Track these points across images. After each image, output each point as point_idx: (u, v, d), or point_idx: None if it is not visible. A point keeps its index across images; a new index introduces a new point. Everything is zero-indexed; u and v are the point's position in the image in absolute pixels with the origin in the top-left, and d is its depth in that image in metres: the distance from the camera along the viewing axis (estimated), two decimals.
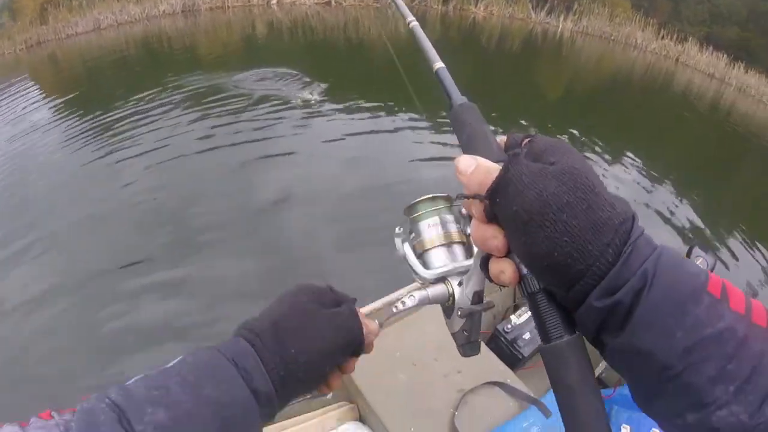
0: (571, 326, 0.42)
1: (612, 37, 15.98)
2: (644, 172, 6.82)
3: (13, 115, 7.47)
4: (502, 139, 0.53)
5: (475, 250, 0.54)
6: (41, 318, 3.56)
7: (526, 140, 0.48)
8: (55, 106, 7.68)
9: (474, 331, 0.59)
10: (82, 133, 6.48)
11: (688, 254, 2.37)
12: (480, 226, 0.44)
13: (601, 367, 2.33)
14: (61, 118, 7.08)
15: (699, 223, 5.78)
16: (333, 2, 16.21)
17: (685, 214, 5.93)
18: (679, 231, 5.50)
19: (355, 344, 0.62)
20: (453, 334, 0.60)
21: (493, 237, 0.43)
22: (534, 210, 0.38)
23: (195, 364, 0.50)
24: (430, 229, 0.60)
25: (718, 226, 5.86)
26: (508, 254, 0.44)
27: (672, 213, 5.87)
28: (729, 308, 0.36)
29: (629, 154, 7.27)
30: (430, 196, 0.60)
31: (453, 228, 0.60)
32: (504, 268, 0.44)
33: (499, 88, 9.90)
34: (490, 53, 13.12)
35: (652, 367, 0.37)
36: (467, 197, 0.45)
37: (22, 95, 8.31)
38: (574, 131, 7.66)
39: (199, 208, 4.71)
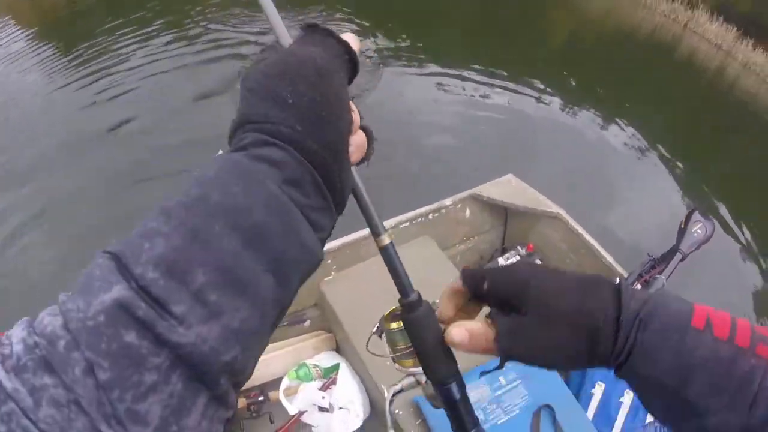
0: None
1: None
2: (641, 132, 6.67)
3: None
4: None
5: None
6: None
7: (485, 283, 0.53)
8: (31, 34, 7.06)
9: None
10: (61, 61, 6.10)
11: (687, 219, 2.36)
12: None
13: None
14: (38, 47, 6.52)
15: (696, 186, 5.85)
16: None
17: (683, 178, 5.92)
18: (677, 194, 5.57)
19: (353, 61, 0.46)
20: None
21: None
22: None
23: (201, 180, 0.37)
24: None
25: (716, 192, 5.86)
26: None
27: (669, 176, 5.88)
28: (712, 336, 0.43)
29: (627, 112, 7.07)
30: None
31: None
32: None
33: (502, 29, 9.52)
34: None
35: (653, 386, 0.46)
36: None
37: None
38: (572, 81, 7.60)
39: None
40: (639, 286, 2.21)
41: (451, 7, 9.77)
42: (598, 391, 2.01)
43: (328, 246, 2.13)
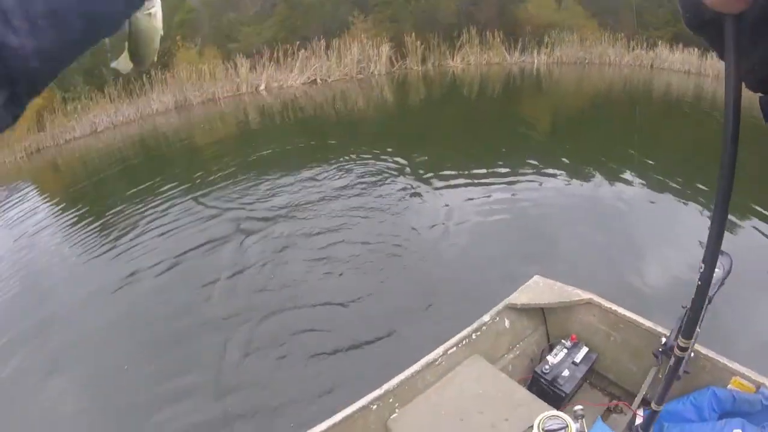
0: None
1: (586, 60, 16.69)
2: (643, 183, 6.91)
3: (18, 222, 7.83)
4: None
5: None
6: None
7: None
8: (59, 211, 8.08)
9: None
10: (91, 237, 6.76)
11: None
12: None
13: (645, 386, 2.38)
14: (66, 224, 7.41)
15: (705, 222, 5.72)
16: (318, 80, 17.33)
17: (702, 212, 5.84)
18: (698, 229, 5.32)
19: None
20: None
21: None
22: None
23: None
24: None
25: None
26: None
27: (683, 216, 5.83)
28: None
29: (626, 165, 7.43)
30: None
31: None
32: None
33: (484, 133, 10.33)
34: (473, 102, 13.82)
35: None
36: None
37: (27, 203, 8.72)
38: (564, 159, 7.94)
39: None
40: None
41: (434, 130, 10.81)
42: None
43: (388, 385, 2.30)
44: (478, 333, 2.68)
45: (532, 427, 1.77)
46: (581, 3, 19.00)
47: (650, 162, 7.55)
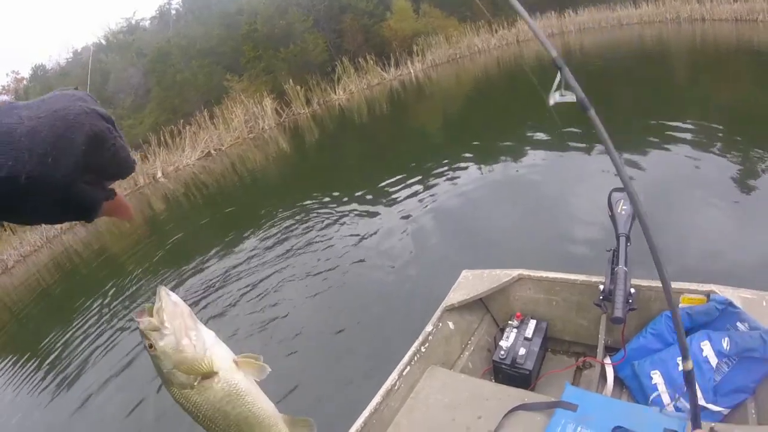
0: None
1: (457, 56, 17.40)
2: (544, 141, 7.16)
3: None
4: None
5: None
6: None
7: None
8: None
9: None
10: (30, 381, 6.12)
11: (609, 203, 2.40)
12: None
13: (601, 335, 2.39)
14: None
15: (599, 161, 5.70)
16: (212, 151, 16.85)
17: (597, 159, 5.91)
18: (599, 176, 5.36)
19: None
20: None
21: None
22: None
23: None
24: None
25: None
26: None
27: (585, 161, 6.03)
28: None
29: (523, 134, 7.76)
30: None
31: None
32: None
33: (386, 151, 10.46)
34: (366, 126, 13.91)
35: None
36: None
37: None
38: (467, 153, 8.02)
39: None
40: (611, 284, 2.21)
41: (338, 162, 10.80)
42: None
43: (356, 425, 2.21)
44: (426, 344, 2.63)
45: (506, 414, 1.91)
46: (437, 5, 19.98)
47: (544, 119, 7.69)
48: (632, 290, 2.14)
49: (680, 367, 1.81)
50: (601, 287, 2.28)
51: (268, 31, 20.57)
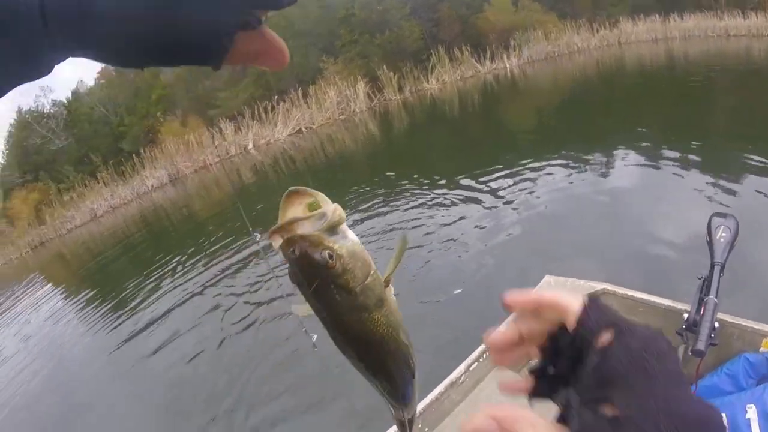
0: None
1: (555, 53, 17.05)
2: (642, 153, 6.91)
3: (29, 313, 7.88)
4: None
5: None
6: None
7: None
8: (72, 299, 8.12)
9: None
10: (105, 320, 6.78)
11: (708, 228, 2.25)
12: None
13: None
14: (80, 310, 7.42)
15: (705, 186, 5.43)
16: (303, 129, 17.70)
17: (696, 179, 5.72)
18: (697, 197, 5.22)
19: None
20: None
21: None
22: None
23: None
24: None
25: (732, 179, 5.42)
26: None
27: (684, 180, 5.75)
28: None
29: (620, 143, 7.43)
30: None
31: None
32: None
33: (475, 146, 10.33)
34: (457, 119, 13.96)
35: None
36: None
37: (37, 294, 8.76)
38: (556, 155, 7.81)
39: None
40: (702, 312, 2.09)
41: (425, 151, 10.97)
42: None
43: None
44: None
45: None
46: (537, 0, 19.58)
47: (643, 131, 7.65)
48: (716, 324, 2.03)
49: (747, 415, 1.80)
50: (686, 315, 2.17)
51: (365, 17, 21.12)
